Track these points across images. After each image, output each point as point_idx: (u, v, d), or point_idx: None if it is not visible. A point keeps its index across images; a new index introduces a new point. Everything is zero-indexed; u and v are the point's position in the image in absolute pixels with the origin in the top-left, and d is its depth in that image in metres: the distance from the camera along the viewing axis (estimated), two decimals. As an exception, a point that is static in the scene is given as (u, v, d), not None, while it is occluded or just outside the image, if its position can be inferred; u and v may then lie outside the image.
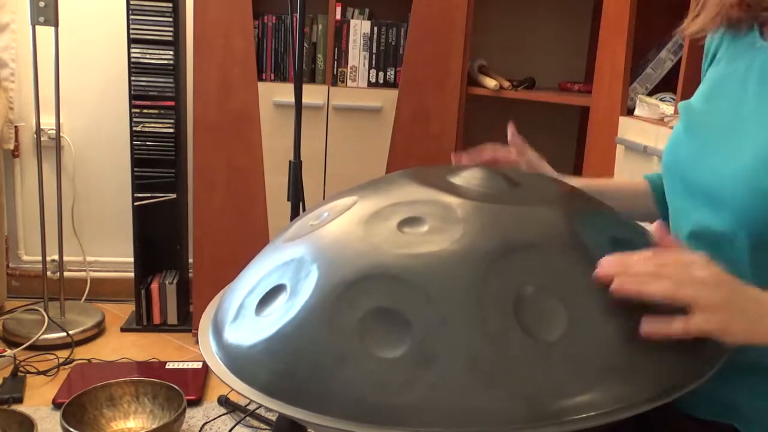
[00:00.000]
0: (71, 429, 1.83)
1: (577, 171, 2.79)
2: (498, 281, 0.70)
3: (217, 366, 0.76)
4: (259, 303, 0.78)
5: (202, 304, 2.48)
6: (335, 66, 2.46)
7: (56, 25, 2.42)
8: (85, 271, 2.90)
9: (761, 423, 0.88)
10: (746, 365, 0.87)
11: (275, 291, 0.78)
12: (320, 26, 2.44)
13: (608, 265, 0.72)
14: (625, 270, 0.72)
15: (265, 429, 2.10)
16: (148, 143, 2.57)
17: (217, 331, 0.82)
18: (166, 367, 2.36)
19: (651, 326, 0.70)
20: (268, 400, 0.70)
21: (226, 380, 0.74)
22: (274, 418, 2.12)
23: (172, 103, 2.56)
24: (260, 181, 2.48)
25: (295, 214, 1.90)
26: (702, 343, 0.77)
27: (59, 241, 2.64)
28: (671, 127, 1.77)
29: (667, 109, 1.97)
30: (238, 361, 0.75)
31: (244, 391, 0.71)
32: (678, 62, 2.10)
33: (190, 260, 2.73)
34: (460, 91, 2.49)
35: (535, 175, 1.00)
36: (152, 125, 2.57)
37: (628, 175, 2.05)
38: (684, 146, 0.96)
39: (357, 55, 2.46)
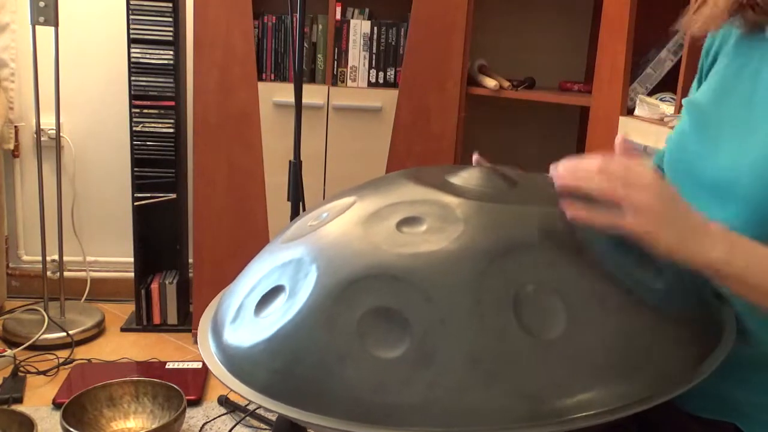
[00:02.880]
0: (71, 429, 1.83)
1: (577, 171, 2.78)
2: (497, 280, 0.70)
3: (216, 367, 0.76)
4: (258, 303, 0.78)
5: (202, 304, 2.48)
6: (335, 66, 2.46)
7: (56, 25, 2.42)
8: (85, 271, 2.90)
9: (762, 420, 0.88)
10: (746, 362, 0.87)
11: (274, 291, 0.78)
12: (320, 26, 2.44)
13: (562, 164, 0.78)
14: (573, 168, 0.77)
15: (265, 429, 2.10)
16: (148, 143, 2.57)
17: (217, 332, 0.82)
18: (166, 367, 2.36)
19: (573, 210, 0.76)
20: (268, 401, 0.70)
21: (225, 381, 0.74)
22: (274, 418, 2.12)
23: (172, 103, 2.56)
24: (260, 181, 2.48)
25: (295, 214, 1.90)
26: (702, 341, 0.77)
27: (59, 241, 2.64)
28: (671, 127, 1.77)
29: (667, 109, 1.96)
30: (237, 361, 0.75)
31: (243, 392, 0.71)
32: (678, 62, 2.10)
33: (190, 260, 2.73)
34: (460, 91, 2.48)
35: (533, 174, 1.00)
36: (152, 125, 2.57)
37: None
38: (693, 144, 0.95)
39: (357, 55, 2.46)
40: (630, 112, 2.13)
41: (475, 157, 0.96)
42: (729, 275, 0.76)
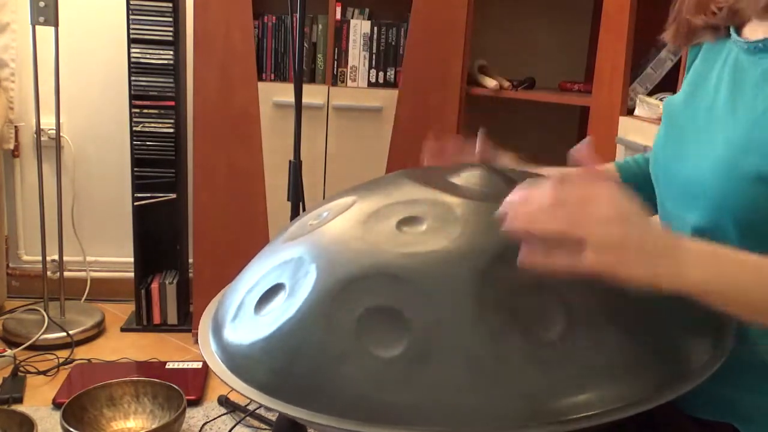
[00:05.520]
0: (71, 429, 1.83)
1: (577, 171, 2.78)
2: (497, 280, 0.70)
3: (217, 365, 0.76)
4: (258, 302, 0.78)
5: (202, 304, 2.47)
6: (335, 66, 2.46)
7: (56, 25, 2.41)
8: (85, 271, 2.90)
9: (760, 421, 0.88)
10: (745, 363, 0.87)
11: (274, 290, 0.78)
12: (320, 26, 2.44)
13: (508, 203, 0.69)
14: (522, 206, 0.68)
15: (265, 429, 2.10)
16: (148, 143, 2.57)
17: (217, 330, 0.82)
18: (166, 367, 2.36)
19: (528, 256, 0.68)
20: (267, 399, 0.70)
21: (225, 379, 0.74)
22: (274, 418, 2.12)
23: (172, 103, 2.56)
24: (260, 181, 2.48)
25: (295, 214, 1.90)
26: (701, 343, 0.77)
27: (59, 241, 2.63)
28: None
29: (667, 109, 1.96)
30: (237, 360, 0.75)
31: (243, 390, 0.71)
32: (678, 62, 2.10)
33: (190, 260, 2.73)
34: (460, 91, 2.48)
35: (534, 174, 1.00)
36: (152, 125, 2.57)
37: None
38: (665, 149, 0.99)
39: (357, 55, 2.46)
40: (630, 112, 2.13)
41: (480, 134, 0.92)
42: (713, 293, 0.72)
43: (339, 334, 0.69)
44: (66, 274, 2.71)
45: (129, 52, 2.50)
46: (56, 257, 2.68)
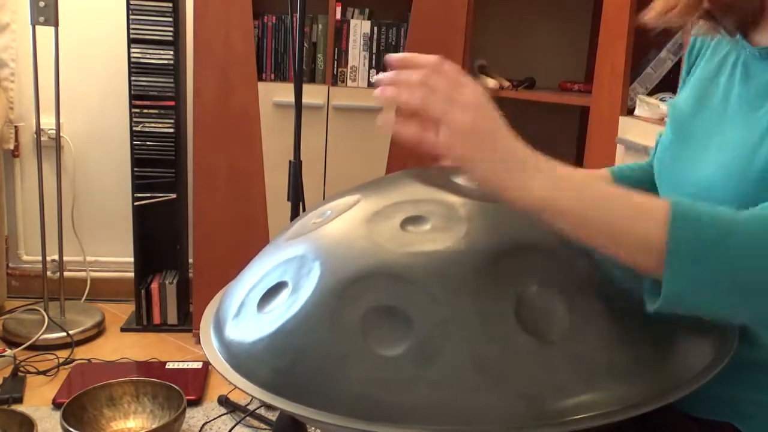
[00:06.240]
0: (71, 429, 1.83)
1: (577, 171, 2.78)
2: (500, 280, 0.71)
3: (219, 363, 0.76)
4: (261, 300, 0.78)
5: (202, 304, 2.47)
6: (335, 66, 2.46)
7: (56, 25, 2.41)
8: (85, 271, 2.90)
9: (759, 419, 0.88)
10: (745, 361, 0.87)
11: (277, 288, 0.78)
12: (320, 26, 2.44)
13: (390, 61, 0.72)
14: (397, 76, 0.71)
15: (265, 429, 2.10)
16: (148, 143, 2.57)
17: (219, 328, 0.82)
18: (166, 367, 2.36)
19: (385, 119, 0.70)
20: (270, 397, 0.70)
21: (227, 377, 0.74)
22: (274, 418, 2.12)
23: (172, 103, 2.56)
24: (260, 181, 2.48)
25: (295, 214, 1.90)
26: (703, 345, 0.77)
27: (59, 241, 2.63)
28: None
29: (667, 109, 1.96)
30: (239, 357, 0.75)
31: (245, 388, 0.71)
32: (678, 62, 2.10)
33: (190, 260, 2.73)
34: (460, 91, 2.48)
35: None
36: (152, 125, 2.57)
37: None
38: (676, 154, 0.97)
39: (357, 55, 2.46)
40: (630, 112, 2.13)
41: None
42: (554, 214, 0.69)
43: (343, 332, 0.69)
44: (66, 274, 2.71)
45: (129, 52, 2.50)
46: (56, 257, 2.68)
